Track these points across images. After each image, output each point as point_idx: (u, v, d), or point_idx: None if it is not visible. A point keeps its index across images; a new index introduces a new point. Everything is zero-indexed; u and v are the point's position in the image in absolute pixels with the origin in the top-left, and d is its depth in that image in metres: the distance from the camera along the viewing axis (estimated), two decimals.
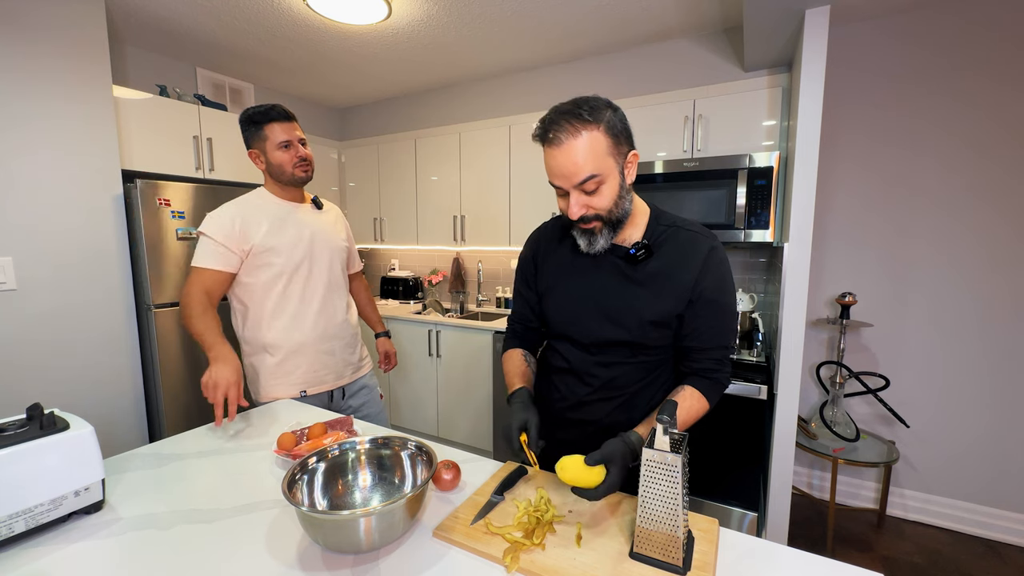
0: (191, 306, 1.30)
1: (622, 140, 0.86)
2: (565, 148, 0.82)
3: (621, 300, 0.95)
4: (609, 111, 0.85)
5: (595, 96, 0.86)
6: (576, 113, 0.82)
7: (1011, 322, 2.01)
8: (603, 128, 0.83)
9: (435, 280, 3.44)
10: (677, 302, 0.92)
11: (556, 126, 0.83)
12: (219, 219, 1.35)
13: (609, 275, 0.97)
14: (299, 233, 1.43)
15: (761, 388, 1.87)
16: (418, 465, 0.89)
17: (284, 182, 1.43)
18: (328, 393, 1.53)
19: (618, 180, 0.87)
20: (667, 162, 2.23)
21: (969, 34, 1.96)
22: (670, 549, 0.70)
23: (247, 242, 1.35)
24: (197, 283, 1.33)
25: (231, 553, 0.75)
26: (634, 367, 0.99)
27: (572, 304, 1.01)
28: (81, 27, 1.90)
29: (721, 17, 2.27)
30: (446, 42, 2.55)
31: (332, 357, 1.51)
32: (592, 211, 0.88)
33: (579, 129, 0.82)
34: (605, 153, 0.84)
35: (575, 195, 0.86)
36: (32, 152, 1.79)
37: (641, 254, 0.93)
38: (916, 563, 1.93)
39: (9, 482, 0.74)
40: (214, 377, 1.20)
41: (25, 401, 1.69)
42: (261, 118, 1.38)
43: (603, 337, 0.97)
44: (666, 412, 0.72)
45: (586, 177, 0.84)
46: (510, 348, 1.15)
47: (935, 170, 2.08)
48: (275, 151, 1.39)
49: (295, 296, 1.43)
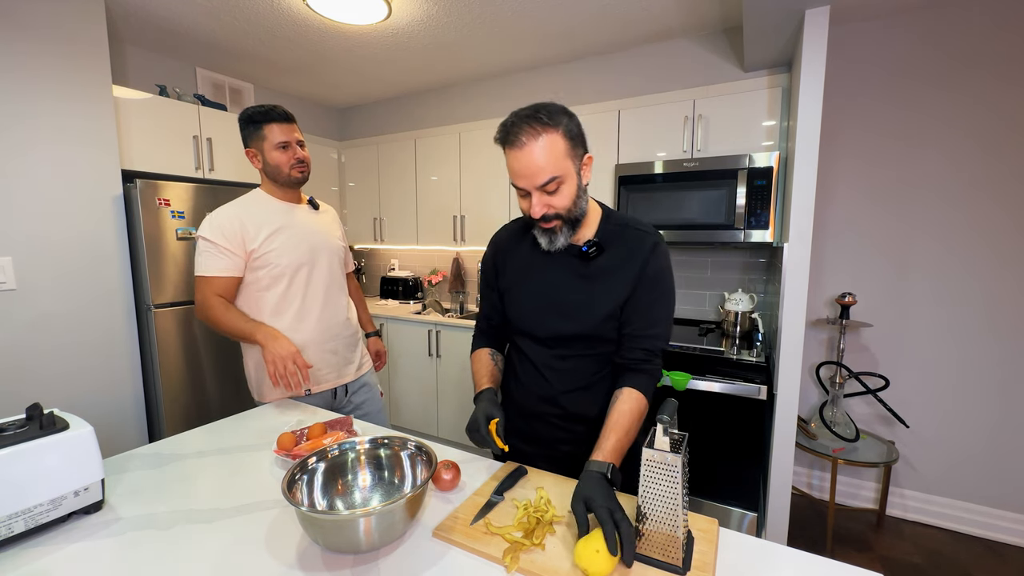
0: (211, 308, 1.32)
1: (578, 143, 0.92)
2: (527, 151, 0.87)
3: (575, 296, 1.00)
4: (566, 116, 0.90)
5: (552, 102, 0.92)
6: (536, 117, 0.87)
7: (1011, 322, 2.01)
8: (561, 131, 0.88)
9: (435, 280, 3.44)
10: (623, 293, 0.98)
11: (518, 129, 0.87)
12: (219, 223, 1.34)
13: (564, 272, 1.02)
14: (299, 234, 1.44)
15: (761, 388, 1.87)
16: (418, 465, 0.89)
17: (280, 183, 1.43)
18: (331, 391, 1.53)
19: (576, 181, 0.93)
20: (667, 162, 2.23)
21: (969, 33, 1.96)
22: (670, 549, 0.70)
23: (249, 245, 1.35)
24: (208, 290, 1.34)
25: (231, 553, 0.75)
26: (592, 359, 1.03)
27: (530, 302, 1.06)
28: (81, 27, 1.90)
29: (721, 17, 2.27)
30: (446, 42, 2.55)
31: (335, 356, 1.52)
32: (553, 210, 0.93)
33: (539, 132, 0.86)
34: (564, 155, 0.89)
35: (537, 195, 0.91)
36: (32, 152, 1.79)
37: (593, 251, 0.99)
38: (916, 563, 1.93)
39: (9, 482, 0.74)
40: (276, 353, 1.26)
41: (25, 401, 1.69)
42: (261, 118, 1.38)
43: (560, 332, 1.02)
44: (666, 412, 0.72)
45: (548, 179, 0.88)
46: (478, 348, 1.20)
47: (935, 170, 2.08)
48: (272, 151, 1.39)
49: (297, 296, 1.43)
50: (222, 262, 1.33)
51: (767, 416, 1.93)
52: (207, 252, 1.33)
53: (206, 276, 1.33)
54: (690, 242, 2.31)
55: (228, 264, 1.34)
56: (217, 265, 1.33)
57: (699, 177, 2.15)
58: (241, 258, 1.35)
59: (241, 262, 1.36)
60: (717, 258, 2.57)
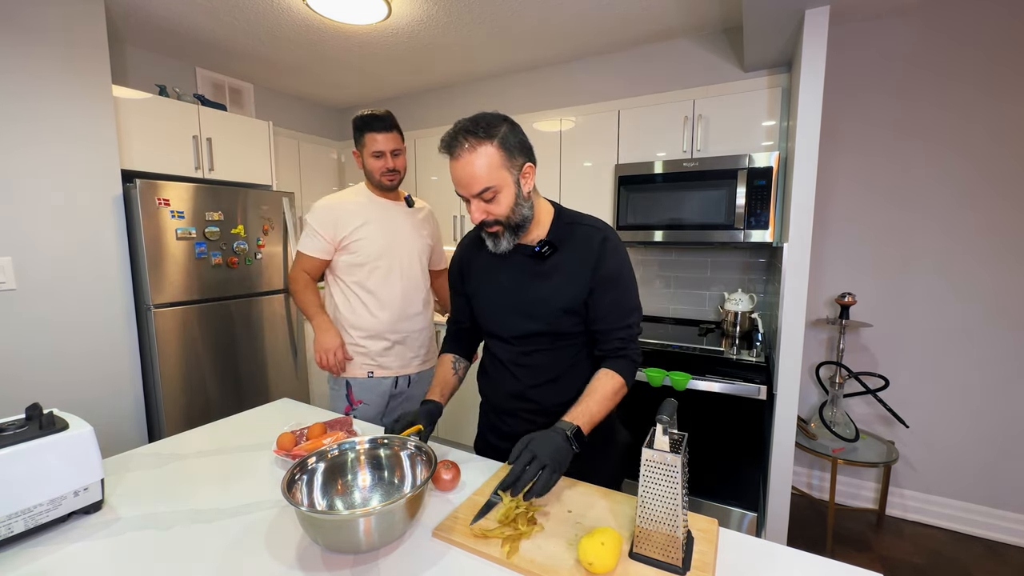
0: (296, 281, 1.58)
1: (516, 153, 0.95)
2: (462, 162, 0.92)
3: (532, 294, 1.04)
4: (505, 127, 0.94)
5: (494, 113, 0.96)
6: (472, 130, 0.91)
7: (1011, 322, 2.01)
8: (496, 143, 0.92)
9: None
10: (580, 289, 1.01)
11: (455, 141, 0.92)
12: (319, 210, 1.56)
13: (520, 273, 1.06)
14: (386, 229, 1.58)
15: (760, 388, 1.87)
16: (418, 465, 0.89)
17: (379, 186, 1.61)
18: (393, 379, 1.64)
19: (513, 190, 0.96)
20: (667, 162, 2.23)
21: (969, 32, 1.96)
22: (670, 549, 0.70)
23: (339, 233, 1.54)
24: (299, 264, 1.58)
25: (231, 553, 0.75)
26: (556, 353, 1.07)
27: (492, 303, 1.11)
28: (81, 27, 1.90)
29: (721, 17, 2.27)
30: (446, 42, 2.55)
31: (402, 347, 1.63)
32: (492, 217, 0.97)
33: (475, 145, 0.91)
34: (499, 166, 0.93)
35: (475, 203, 0.96)
36: (31, 152, 1.79)
37: (546, 251, 1.02)
38: (915, 563, 1.93)
39: (8, 482, 0.74)
40: (322, 344, 1.53)
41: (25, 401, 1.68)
42: (364, 125, 1.55)
43: (521, 330, 1.06)
44: (665, 412, 0.72)
45: (482, 188, 0.93)
46: (444, 352, 1.25)
47: (936, 169, 2.08)
48: (369, 158, 1.57)
49: (374, 286, 1.57)
50: (314, 244, 1.55)
51: (767, 416, 1.93)
52: (306, 232, 1.56)
53: (300, 252, 1.57)
54: (690, 242, 2.31)
55: (318, 247, 1.55)
56: (310, 245, 1.55)
57: (699, 177, 2.15)
58: (331, 244, 1.55)
59: (330, 247, 1.55)
60: (717, 258, 2.57)
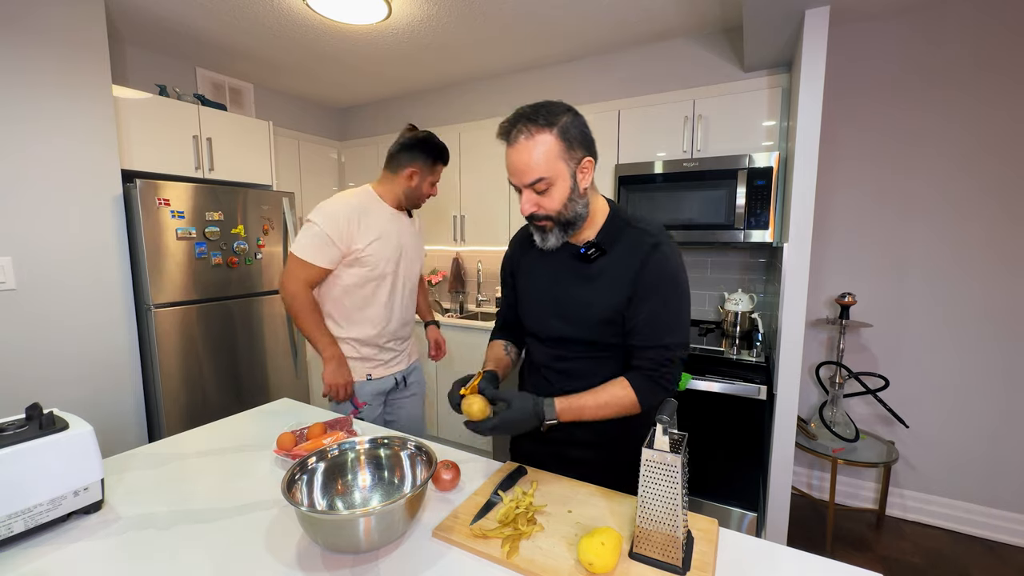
0: (297, 298, 1.40)
1: (576, 146, 0.90)
2: (518, 149, 0.88)
3: (573, 298, 1.00)
4: (567, 116, 0.89)
5: (558, 101, 0.91)
6: (532, 117, 0.87)
7: (1011, 322, 2.01)
8: (556, 133, 0.87)
9: (435, 280, 3.44)
10: (620, 297, 0.94)
11: (514, 128, 0.88)
12: (334, 215, 1.39)
13: (565, 274, 1.01)
14: (395, 241, 1.51)
15: (760, 388, 1.87)
16: (418, 465, 0.89)
17: (407, 202, 1.56)
18: (391, 377, 1.62)
19: (569, 184, 0.90)
20: (667, 162, 2.23)
21: (969, 33, 1.96)
22: (669, 549, 0.70)
23: (354, 244, 1.42)
24: (301, 275, 1.40)
25: (231, 553, 0.75)
26: (591, 363, 1.02)
27: (532, 301, 1.08)
28: (81, 27, 1.90)
29: (721, 17, 2.27)
30: (446, 42, 2.55)
31: (402, 345, 1.66)
32: (542, 211, 0.93)
33: (533, 133, 0.87)
34: (556, 157, 0.88)
35: (526, 193, 0.92)
36: (32, 152, 1.79)
37: (592, 253, 0.97)
38: (915, 563, 1.93)
39: (8, 482, 0.74)
40: (334, 379, 1.42)
41: (25, 401, 1.68)
42: (438, 155, 1.53)
43: (558, 333, 1.03)
44: (665, 412, 0.72)
45: (535, 179, 0.88)
46: (493, 340, 1.21)
47: (935, 169, 2.08)
48: (426, 183, 1.53)
49: (380, 298, 1.52)
50: (325, 254, 1.39)
51: (767, 416, 1.93)
52: (315, 238, 1.38)
53: (304, 260, 1.38)
54: (690, 242, 2.31)
55: (330, 257, 1.40)
56: (320, 255, 1.39)
57: (699, 177, 2.15)
58: (340, 252, 1.41)
59: (339, 256, 1.42)
60: (717, 258, 2.57)
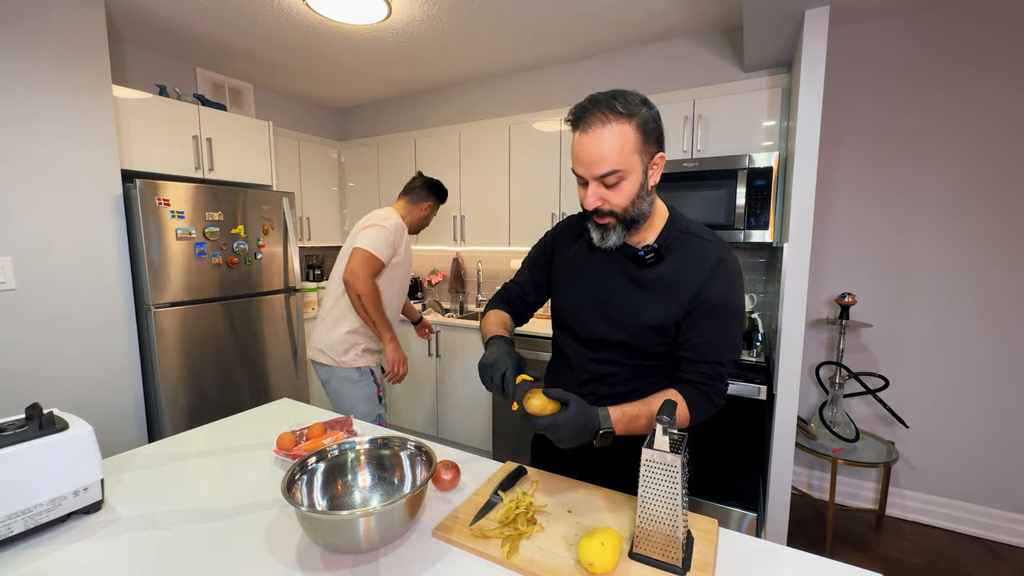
0: (370, 289, 1.75)
1: (651, 139, 0.84)
2: (592, 136, 0.82)
3: (623, 301, 0.95)
4: (644, 108, 0.83)
5: (633, 91, 0.84)
6: (610, 104, 0.81)
7: (1011, 322, 2.01)
8: (635, 123, 0.81)
9: (435, 280, 3.44)
10: (676, 309, 0.90)
11: (588, 113, 0.82)
12: (398, 227, 1.85)
13: (616, 275, 0.96)
14: (409, 257, 1.97)
15: (760, 388, 1.87)
16: (417, 465, 0.89)
17: (414, 228, 2.01)
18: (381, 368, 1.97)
19: (639, 179, 0.85)
20: (667, 162, 2.22)
21: (969, 34, 1.96)
22: (669, 549, 0.70)
23: (398, 251, 1.86)
24: (371, 268, 1.76)
25: (231, 553, 0.75)
26: (632, 370, 0.97)
27: (576, 298, 1.02)
28: (81, 27, 1.90)
29: (721, 17, 2.27)
30: (446, 42, 2.55)
31: None
32: (608, 206, 0.87)
33: (610, 120, 0.81)
34: (632, 149, 0.82)
35: (593, 186, 0.85)
36: (32, 152, 1.79)
37: (650, 258, 0.91)
38: (915, 563, 1.93)
39: (8, 482, 0.74)
40: (399, 357, 1.87)
41: (25, 401, 1.69)
42: (443, 197, 2.07)
43: (600, 335, 0.97)
44: (665, 412, 0.72)
45: (608, 171, 0.82)
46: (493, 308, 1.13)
47: (935, 170, 2.08)
48: (431, 215, 2.06)
49: (395, 296, 1.95)
50: (386, 253, 1.80)
51: (767, 416, 1.93)
52: (384, 240, 1.79)
53: (375, 255, 1.76)
54: None
55: (388, 255, 1.81)
56: (384, 251, 1.79)
57: (699, 177, 2.15)
58: (392, 255, 1.84)
59: (391, 258, 1.83)
60: None
